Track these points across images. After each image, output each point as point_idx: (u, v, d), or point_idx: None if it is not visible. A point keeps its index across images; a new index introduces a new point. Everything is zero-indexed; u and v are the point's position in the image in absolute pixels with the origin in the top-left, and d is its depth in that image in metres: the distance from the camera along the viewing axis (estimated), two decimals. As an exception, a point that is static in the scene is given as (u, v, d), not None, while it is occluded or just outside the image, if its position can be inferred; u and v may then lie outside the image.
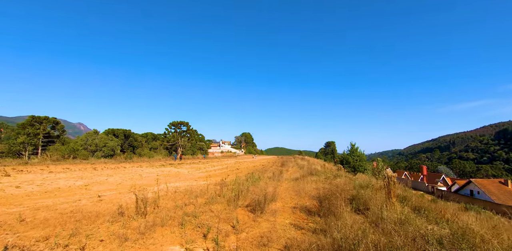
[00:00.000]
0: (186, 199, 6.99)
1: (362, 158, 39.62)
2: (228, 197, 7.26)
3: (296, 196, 9.04)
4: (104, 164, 24.60)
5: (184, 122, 59.22)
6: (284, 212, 6.45)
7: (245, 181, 11.83)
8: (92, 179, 11.47)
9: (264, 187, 10.53)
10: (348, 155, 38.77)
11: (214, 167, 23.87)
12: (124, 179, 12.07)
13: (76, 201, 6.70)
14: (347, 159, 38.23)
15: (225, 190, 8.27)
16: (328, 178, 13.92)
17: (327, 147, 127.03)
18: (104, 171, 16.18)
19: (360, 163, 38.73)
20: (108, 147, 47.33)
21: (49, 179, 11.19)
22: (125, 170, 17.08)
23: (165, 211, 5.53)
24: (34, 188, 8.52)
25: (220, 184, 10.84)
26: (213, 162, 35.75)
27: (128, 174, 14.69)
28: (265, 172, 19.21)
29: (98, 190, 8.60)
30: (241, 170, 21.56)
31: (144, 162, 30.03)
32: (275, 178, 14.03)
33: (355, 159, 38.23)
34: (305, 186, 11.02)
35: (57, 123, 41.31)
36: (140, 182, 11.18)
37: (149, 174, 15.08)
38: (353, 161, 37.93)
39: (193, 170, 19.81)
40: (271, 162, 39.70)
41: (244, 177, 13.92)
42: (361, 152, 39.92)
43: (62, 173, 13.74)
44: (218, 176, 14.92)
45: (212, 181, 12.07)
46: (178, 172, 16.91)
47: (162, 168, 20.47)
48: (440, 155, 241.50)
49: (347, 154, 39.17)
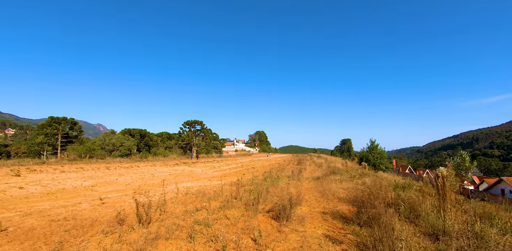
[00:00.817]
0: (198, 203, 6.08)
1: (383, 155, 37.62)
2: (246, 200, 6.29)
3: (322, 198, 7.95)
4: (119, 163, 24.42)
5: (198, 121, 59.08)
6: (313, 219, 5.40)
7: (263, 181, 10.84)
8: (101, 179, 10.88)
9: (285, 187, 9.50)
10: (368, 153, 36.94)
11: (229, 166, 23.06)
12: (135, 179, 11.41)
13: (75, 204, 5.96)
14: (367, 157, 36.37)
15: (242, 192, 7.31)
16: (354, 177, 12.66)
17: (343, 144, 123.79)
18: (116, 170, 15.72)
19: (380, 161, 36.80)
20: (124, 147, 47.93)
21: (58, 179, 10.71)
22: (137, 170, 16.57)
23: (172, 218, 4.63)
24: (38, 189, 7.94)
25: (236, 185, 9.92)
26: (228, 160, 35.04)
27: (140, 173, 14.09)
28: (282, 170, 18.15)
29: (104, 192, 7.89)
30: (257, 168, 20.61)
31: (158, 161, 29.76)
32: (294, 177, 12.95)
33: (375, 157, 36.33)
34: (330, 186, 9.88)
35: (75, 124, 42.06)
36: (150, 182, 10.45)
37: (161, 173, 14.43)
38: (374, 158, 36.05)
39: (207, 169, 19.07)
40: (287, 161, 38.51)
41: (261, 177, 12.94)
42: (381, 149, 37.95)
43: (74, 173, 13.33)
44: (233, 176, 14.05)
45: (227, 181, 11.19)
46: (191, 171, 16.19)
47: (175, 167, 19.88)
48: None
49: (367, 152, 37.37)
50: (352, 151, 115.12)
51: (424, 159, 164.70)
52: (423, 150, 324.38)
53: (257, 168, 21.34)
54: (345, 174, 14.83)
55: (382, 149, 38.27)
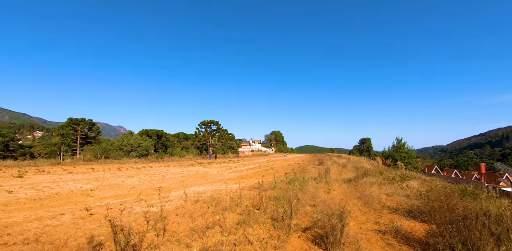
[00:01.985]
0: (210, 215, 4.64)
1: (411, 154, 34.85)
2: (272, 212, 4.78)
3: (366, 208, 6.27)
4: (133, 163, 23.73)
5: (214, 121, 58.38)
6: (371, 244, 3.77)
7: (288, 184, 9.27)
8: (106, 182, 9.77)
9: (315, 192, 7.89)
10: (394, 152, 34.32)
11: (246, 167, 21.64)
12: (143, 181, 10.22)
13: (56, 216, 4.70)
14: (393, 156, 33.78)
15: (266, 199, 5.80)
16: (393, 179, 10.76)
17: (362, 144, 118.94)
18: (127, 171, 14.73)
19: (409, 161, 34.17)
20: (142, 147, 47.87)
21: (60, 181, 9.72)
22: (149, 170, 15.52)
23: (171, 244, 3.19)
24: (27, 194, 6.86)
25: (256, 189, 8.42)
26: (245, 161, 33.69)
27: (151, 174, 12.96)
28: (304, 171, 16.46)
29: (101, 197, 6.66)
30: (277, 169, 19.02)
31: (174, 162, 28.94)
32: (322, 180, 11.26)
33: (402, 156, 33.74)
34: (369, 192, 8.13)
35: (93, 125, 42.40)
36: (158, 185, 9.19)
37: (173, 174, 13.23)
38: (401, 158, 33.46)
39: (223, 169, 17.74)
40: (306, 161, 36.59)
41: (284, 179, 11.37)
42: (409, 148, 35.21)
43: (82, 174, 12.41)
44: (251, 177, 12.57)
45: (246, 184, 9.71)
46: (206, 173, 14.89)
47: (190, 168, 18.73)
48: (491, 151, 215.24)
49: (393, 151, 34.73)
50: (371, 151, 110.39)
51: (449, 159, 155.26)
52: (447, 149, 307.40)
53: (277, 168, 19.76)
54: (379, 175, 12.93)
55: (409, 148, 35.49)
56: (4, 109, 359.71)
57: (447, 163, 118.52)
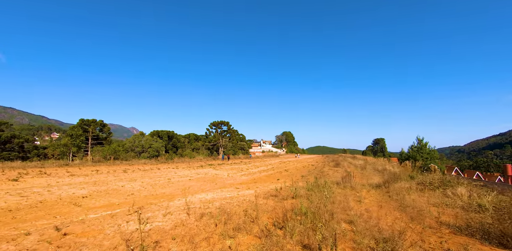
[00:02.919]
0: (217, 239, 3.44)
1: (433, 155, 32.73)
2: (300, 234, 3.55)
3: (418, 225, 4.88)
4: (142, 165, 22.99)
5: (224, 122, 57.60)
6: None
7: (309, 190, 7.97)
8: (105, 186, 8.78)
9: (343, 202, 6.58)
10: (415, 152, 32.31)
11: (258, 168, 20.42)
12: (145, 185, 9.17)
13: (18, 237, 3.63)
14: (414, 157, 31.76)
15: (289, 214, 4.55)
16: (432, 185, 9.24)
17: (376, 144, 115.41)
18: (132, 174, 13.82)
19: (431, 162, 32.10)
20: (153, 148, 47.66)
21: (55, 185, 8.82)
22: (156, 173, 14.55)
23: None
24: (8, 202, 5.91)
25: (274, 197, 7.18)
26: (256, 162, 32.49)
27: (157, 177, 11.96)
28: (322, 174, 15.07)
29: (90, 207, 5.60)
30: (291, 171, 17.70)
31: (183, 163, 28.11)
32: (346, 185, 9.90)
33: (424, 157, 31.71)
34: (409, 201, 6.73)
35: (104, 126, 42.39)
36: (161, 191, 8.10)
37: (180, 178, 12.17)
38: (422, 159, 31.44)
39: (234, 172, 16.59)
40: (320, 162, 35.00)
41: (302, 183, 10.07)
42: (431, 149, 33.15)
43: (83, 177, 11.56)
44: (265, 181, 11.33)
45: (261, 190, 8.49)
46: (215, 175, 13.77)
47: (199, 170, 17.69)
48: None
49: (414, 151, 32.72)
50: (386, 151, 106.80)
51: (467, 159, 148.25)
52: (465, 150, 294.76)
53: (291, 170, 18.43)
54: (409, 180, 11.40)
55: (431, 148, 33.37)
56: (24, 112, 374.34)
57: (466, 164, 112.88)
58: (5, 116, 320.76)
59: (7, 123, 57.20)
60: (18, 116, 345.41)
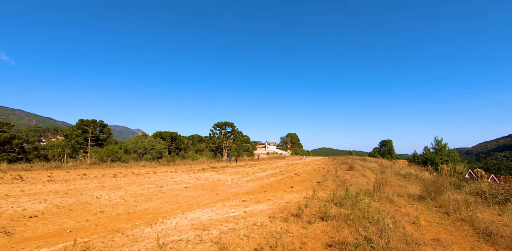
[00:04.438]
0: None
1: (454, 157, 30.38)
2: None
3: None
4: (140, 167, 21.25)
5: (229, 123, 55.89)
6: None
7: (340, 206, 6.02)
8: (75, 198, 6.95)
9: (398, 227, 4.64)
10: (434, 154, 29.96)
11: (266, 172, 18.47)
12: (127, 197, 7.31)
13: None
14: (433, 159, 29.47)
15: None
16: (495, 197, 7.19)
17: (383, 146, 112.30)
18: (122, 179, 12.01)
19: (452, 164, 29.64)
20: (155, 150, 46.13)
21: (15, 195, 7.05)
22: (149, 178, 12.73)
23: None
24: None
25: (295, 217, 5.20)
26: (262, 164, 30.54)
27: (148, 184, 10.13)
28: (338, 179, 13.04)
29: (24, 239, 3.76)
30: (303, 176, 15.70)
31: (184, 165, 26.32)
32: (379, 196, 7.91)
33: (444, 160, 29.36)
34: (492, 225, 4.77)
35: (104, 126, 40.97)
36: (144, 205, 6.22)
37: (176, 184, 10.31)
38: (442, 161, 29.11)
39: (238, 176, 14.68)
40: (329, 164, 32.89)
41: (324, 193, 8.12)
42: (450, 150, 30.71)
43: (60, 183, 9.79)
44: (277, 189, 9.37)
45: (275, 204, 6.52)
46: (217, 181, 11.89)
47: (199, 174, 15.83)
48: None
49: (433, 153, 30.37)
50: (393, 153, 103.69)
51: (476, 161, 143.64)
52: (473, 151, 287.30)
53: (303, 175, 16.43)
54: (453, 188, 9.33)
55: (451, 149, 30.97)
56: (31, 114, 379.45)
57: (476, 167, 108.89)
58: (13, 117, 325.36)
59: (9, 124, 56.27)
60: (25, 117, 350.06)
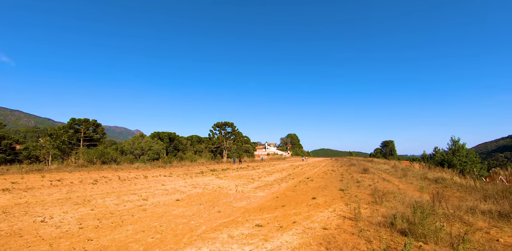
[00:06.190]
0: None
1: (473, 159, 28.11)
2: None
3: None
4: (132, 170, 19.08)
5: (229, 123, 53.80)
6: None
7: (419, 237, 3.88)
8: (12, 221, 4.80)
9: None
10: (451, 155, 27.79)
11: (273, 176, 16.30)
12: (87, 220, 5.11)
13: None
14: (450, 161, 27.30)
15: None
16: None
17: (384, 147, 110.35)
18: (100, 187, 9.84)
19: (471, 166, 27.46)
20: (153, 151, 43.85)
21: None
22: (136, 185, 10.55)
23: None
24: None
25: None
26: (265, 167, 28.37)
27: (130, 195, 7.97)
28: (360, 185, 10.89)
29: None
30: (316, 180, 13.53)
31: (182, 167, 24.15)
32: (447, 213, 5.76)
33: (463, 161, 27.17)
34: None
35: (97, 126, 38.79)
36: (107, 237, 4.04)
37: (165, 195, 8.14)
38: (459, 163, 26.93)
39: (243, 181, 12.52)
40: (336, 166, 30.76)
41: (369, 210, 5.97)
42: (469, 150, 28.49)
43: (19, 192, 7.63)
44: (297, 202, 7.16)
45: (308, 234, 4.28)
46: (219, 189, 9.72)
47: (197, 178, 13.67)
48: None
49: (450, 154, 28.21)
50: (395, 154, 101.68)
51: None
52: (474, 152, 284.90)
53: (316, 179, 14.26)
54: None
55: (469, 149, 28.79)
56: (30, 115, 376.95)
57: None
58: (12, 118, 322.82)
59: (0, 124, 53.87)
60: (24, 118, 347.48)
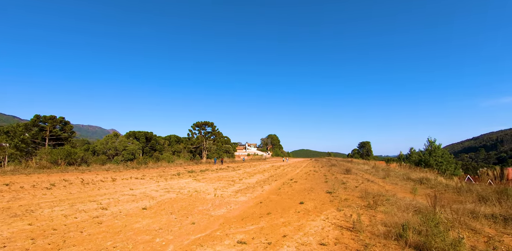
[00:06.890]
0: None
1: (447, 159, 29.40)
2: None
3: None
4: (99, 172, 17.39)
5: (208, 123, 52.38)
6: None
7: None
8: None
9: None
10: (427, 156, 28.77)
11: (254, 177, 15.51)
12: (16, 240, 4.02)
13: None
14: (427, 161, 28.23)
15: None
16: None
17: (361, 147, 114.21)
18: (58, 191, 8.49)
19: (446, 167, 28.70)
20: (128, 151, 41.26)
21: None
22: (100, 189, 9.27)
23: None
24: None
25: None
26: (246, 167, 27.54)
27: (87, 201, 6.80)
28: (346, 186, 10.44)
29: None
30: (300, 182, 12.93)
31: (157, 169, 22.65)
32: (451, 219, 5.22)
33: (438, 161, 28.27)
34: None
35: (65, 124, 35.84)
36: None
37: (130, 203, 7.03)
38: (436, 163, 27.97)
39: (222, 184, 11.59)
40: (317, 167, 30.70)
41: (366, 218, 5.34)
42: (444, 151, 29.78)
43: None
44: (284, 208, 6.38)
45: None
46: (195, 194, 8.73)
47: (172, 181, 12.53)
48: (486, 154, 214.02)
49: (426, 154, 29.20)
50: (372, 155, 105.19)
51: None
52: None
53: (300, 181, 13.66)
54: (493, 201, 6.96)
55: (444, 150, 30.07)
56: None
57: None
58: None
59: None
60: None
